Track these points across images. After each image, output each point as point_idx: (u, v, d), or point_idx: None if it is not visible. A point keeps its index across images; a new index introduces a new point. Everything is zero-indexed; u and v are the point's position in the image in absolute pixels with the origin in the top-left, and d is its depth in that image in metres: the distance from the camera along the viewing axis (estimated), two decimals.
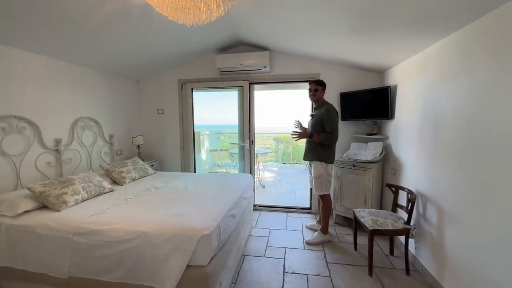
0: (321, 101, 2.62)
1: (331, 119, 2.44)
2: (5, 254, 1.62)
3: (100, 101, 3.08)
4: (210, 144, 7.06)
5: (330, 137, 2.41)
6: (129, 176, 2.63)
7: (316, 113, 2.60)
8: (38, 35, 2.04)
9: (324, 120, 2.45)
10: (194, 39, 2.79)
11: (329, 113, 2.46)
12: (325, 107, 2.51)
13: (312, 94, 2.59)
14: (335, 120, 2.47)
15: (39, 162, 2.31)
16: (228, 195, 2.11)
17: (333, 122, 2.45)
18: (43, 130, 2.33)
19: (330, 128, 2.42)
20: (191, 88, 3.61)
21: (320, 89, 2.57)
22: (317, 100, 2.61)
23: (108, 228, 1.52)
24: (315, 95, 2.57)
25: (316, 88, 2.56)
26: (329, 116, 2.45)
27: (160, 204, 1.90)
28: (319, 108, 2.59)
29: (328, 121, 2.44)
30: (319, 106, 2.61)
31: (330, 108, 2.50)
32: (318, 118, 2.51)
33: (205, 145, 6.71)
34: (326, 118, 2.44)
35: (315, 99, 2.60)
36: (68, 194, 1.87)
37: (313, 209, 3.44)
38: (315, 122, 2.54)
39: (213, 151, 6.12)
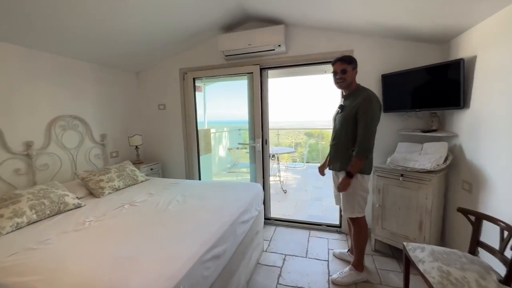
0: (353, 87, 1.82)
1: (371, 114, 1.66)
2: None
3: (89, 97, 2.68)
4: (231, 142, 6.55)
5: (367, 144, 1.66)
6: (110, 186, 2.17)
7: (347, 104, 1.82)
8: (8, 21, 1.70)
9: (359, 114, 1.67)
10: (191, 13, 2.20)
11: (369, 104, 1.67)
12: (362, 95, 1.71)
13: (339, 77, 1.78)
14: (376, 115, 1.68)
15: (3, 170, 1.94)
16: (216, 222, 1.49)
17: (373, 118, 1.66)
18: (6, 132, 1.96)
19: (366, 128, 1.64)
20: (192, 78, 3.04)
21: (350, 69, 1.76)
22: (347, 85, 1.80)
23: (18, 282, 1.01)
24: (343, 78, 1.76)
25: (344, 69, 1.75)
26: (368, 109, 1.66)
27: (115, 235, 1.36)
28: (352, 97, 1.80)
29: (366, 116, 1.65)
30: (351, 94, 1.82)
31: (369, 96, 1.69)
32: (351, 111, 1.73)
33: (224, 143, 6.21)
34: (363, 112, 1.66)
35: (345, 84, 1.79)
36: (4, 218, 1.43)
37: (344, 227, 2.67)
38: (346, 117, 1.76)
39: (230, 149, 5.58)
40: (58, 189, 1.81)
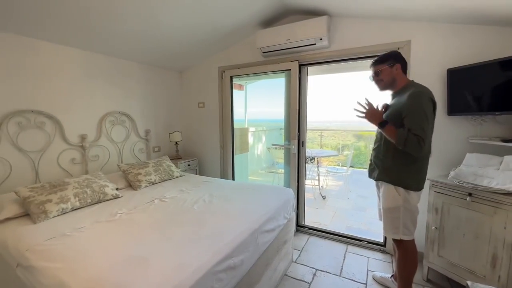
0: (401, 84, 1.53)
1: (418, 111, 1.35)
2: None
3: (137, 95, 2.88)
4: (271, 141, 6.45)
5: (413, 141, 1.32)
6: (147, 180, 2.28)
7: (393, 103, 1.54)
8: (68, 27, 1.92)
9: (405, 112, 1.38)
10: (230, 10, 2.17)
11: (416, 100, 1.37)
12: (409, 92, 1.42)
13: (375, 81, 1.59)
14: (425, 114, 1.36)
15: (62, 158, 2.20)
16: (235, 229, 1.39)
17: (421, 116, 1.35)
18: (66, 125, 2.21)
19: (415, 126, 1.33)
20: (230, 76, 3.02)
21: (385, 68, 1.52)
22: (387, 85, 1.56)
23: (44, 267, 1.09)
24: (380, 80, 1.56)
25: (376, 71, 1.55)
26: (415, 106, 1.36)
27: (136, 231, 1.38)
28: (398, 95, 1.52)
29: (412, 114, 1.36)
30: (398, 92, 1.54)
31: (417, 93, 1.39)
32: (396, 110, 1.46)
33: (264, 142, 6.14)
34: (409, 109, 1.37)
35: (383, 85, 1.57)
36: (53, 202, 1.58)
37: (390, 247, 2.31)
38: (389, 117, 1.48)
39: (269, 148, 5.48)
40: (100, 180, 1.97)
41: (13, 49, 1.87)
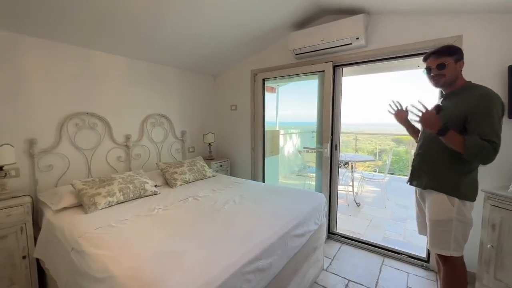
0: (459, 84, 1.36)
1: (492, 115, 1.19)
2: (41, 248, 1.65)
3: (174, 98, 3.07)
4: (303, 144, 6.34)
5: (489, 150, 1.16)
6: (182, 178, 2.41)
7: (448, 105, 1.38)
8: (116, 38, 2.14)
9: (474, 115, 1.22)
10: (262, 12, 2.20)
11: (488, 102, 1.21)
12: (478, 92, 1.26)
13: (435, 74, 1.36)
14: (499, 118, 1.20)
15: (110, 156, 2.44)
16: (264, 231, 1.39)
17: (496, 120, 1.19)
18: (114, 126, 2.45)
19: (490, 132, 1.18)
20: (262, 79, 3.05)
21: (451, 62, 1.31)
22: (448, 82, 1.36)
23: (93, 253, 1.21)
24: (441, 74, 1.34)
25: (442, 63, 1.32)
26: (488, 109, 1.20)
27: (172, 227, 1.46)
28: (457, 96, 1.35)
29: (486, 118, 1.19)
30: (456, 93, 1.36)
31: (489, 94, 1.23)
32: (455, 114, 1.29)
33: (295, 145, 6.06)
34: (482, 113, 1.20)
35: (445, 81, 1.35)
36: (101, 195, 1.76)
37: (433, 263, 2.09)
38: (448, 119, 1.30)
39: (300, 151, 5.40)
40: (141, 177, 2.13)
41: (72, 59, 2.14)
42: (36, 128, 1.97)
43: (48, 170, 2.03)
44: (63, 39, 2.02)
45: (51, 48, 2.01)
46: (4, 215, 1.57)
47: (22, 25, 1.76)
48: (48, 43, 1.99)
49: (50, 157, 2.05)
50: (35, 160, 1.94)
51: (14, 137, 1.85)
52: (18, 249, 1.64)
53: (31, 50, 1.91)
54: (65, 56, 2.09)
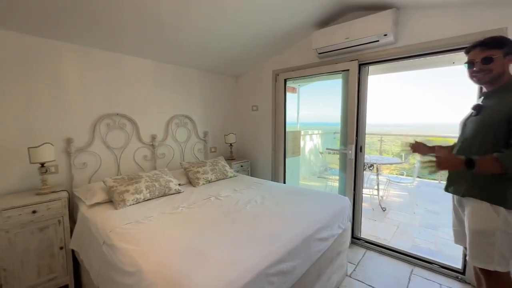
0: (505, 80, 1.23)
1: None
2: (77, 239, 1.76)
3: (197, 99, 3.15)
4: (324, 145, 6.20)
5: None
6: (204, 178, 2.45)
7: (491, 104, 1.25)
8: (144, 42, 2.24)
9: None
10: (285, 12, 2.17)
11: None
12: None
13: (479, 69, 1.23)
14: None
15: (137, 155, 2.56)
16: (287, 234, 1.37)
17: None
18: (141, 126, 2.56)
19: None
20: (284, 79, 3.02)
21: (500, 55, 1.18)
22: (494, 78, 1.23)
23: (122, 247, 1.27)
24: (487, 69, 1.21)
25: (488, 56, 1.19)
26: None
27: (196, 225, 1.49)
28: (501, 94, 1.22)
29: None
30: (501, 90, 1.24)
31: None
32: (499, 113, 1.17)
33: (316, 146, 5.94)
34: None
35: (490, 77, 1.23)
36: (129, 192, 1.84)
37: (470, 276, 1.93)
38: (488, 122, 1.20)
39: (322, 153, 5.28)
40: (166, 175, 2.21)
41: (103, 63, 2.27)
42: (72, 128, 2.12)
43: (83, 168, 2.17)
44: (95, 45, 2.16)
45: (84, 54, 2.15)
46: (45, 208, 1.70)
47: (61, 32, 1.91)
48: (82, 48, 2.13)
49: (85, 155, 2.19)
50: (71, 158, 2.09)
51: (53, 137, 2.01)
52: (56, 240, 1.77)
53: (68, 56, 2.06)
54: (97, 60, 2.23)
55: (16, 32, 1.79)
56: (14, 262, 1.61)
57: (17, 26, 1.74)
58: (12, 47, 1.80)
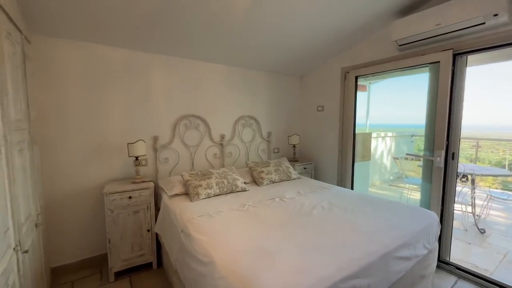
0: None
1: None
2: (160, 225, 2.02)
3: (262, 100, 3.22)
4: (399, 149, 5.50)
5: None
6: (268, 178, 2.48)
7: None
8: (217, 48, 2.44)
9: None
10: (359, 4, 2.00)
11: None
12: None
13: None
14: None
15: (208, 153, 2.78)
16: (362, 247, 1.24)
17: None
18: (212, 126, 2.78)
19: None
20: (355, 76, 2.78)
21: None
22: None
23: (197, 238, 1.38)
24: None
25: None
26: None
27: (262, 225, 1.50)
28: None
29: None
30: None
31: None
32: None
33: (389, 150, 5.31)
34: None
35: None
36: (202, 187, 2.01)
37: None
38: None
39: (396, 158, 4.67)
40: (233, 173, 2.32)
41: (182, 69, 2.55)
42: (158, 128, 2.46)
43: (165, 162, 2.50)
44: (176, 54, 2.44)
45: (168, 62, 2.46)
46: (138, 195, 2.02)
47: (152, 46, 2.23)
48: (166, 58, 2.44)
49: (167, 151, 2.51)
50: (157, 153, 2.42)
51: (145, 135, 2.37)
52: (145, 223, 2.07)
53: (155, 65, 2.40)
54: (177, 67, 2.52)
55: (118, 48, 2.19)
56: (116, 237, 1.96)
57: (119, 42, 2.12)
58: (115, 60, 2.20)
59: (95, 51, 2.10)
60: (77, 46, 2.03)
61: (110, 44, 2.14)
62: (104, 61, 2.15)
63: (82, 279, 2.02)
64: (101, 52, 2.13)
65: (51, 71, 1.95)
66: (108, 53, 2.15)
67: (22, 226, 1.23)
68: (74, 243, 2.12)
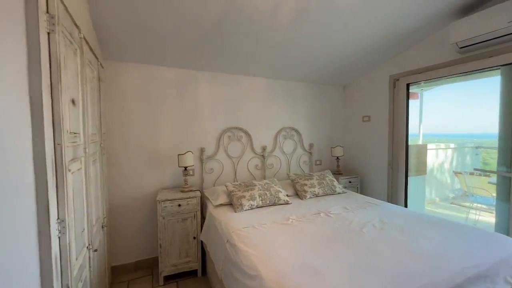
0: None
1: None
2: (205, 233, 2.10)
3: (303, 111, 3.19)
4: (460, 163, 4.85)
5: None
6: (311, 191, 2.40)
7: None
8: (259, 64, 2.55)
9: None
10: (410, 7, 1.88)
11: None
12: None
13: None
14: None
15: (250, 164, 2.83)
16: (426, 274, 1.09)
17: None
18: (254, 138, 2.84)
19: None
20: (406, 84, 2.58)
21: None
22: None
23: (243, 249, 1.39)
24: None
25: None
26: None
27: (308, 241, 1.45)
28: None
29: None
30: None
31: None
32: None
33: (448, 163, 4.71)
34: None
35: None
36: (246, 198, 2.04)
37: None
38: None
39: (459, 173, 4.10)
40: (276, 185, 2.31)
41: (227, 84, 2.68)
42: (204, 140, 2.60)
43: (210, 172, 2.61)
44: (221, 70, 2.59)
45: (213, 78, 2.62)
46: (186, 203, 2.15)
47: (199, 64, 2.42)
48: (212, 74, 2.61)
49: (212, 162, 2.63)
50: (203, 164, 2.56)
51: (192, 146, 2.53)
52: (192, 231, 2.18)
53: (202, 81, 2.57)
54: (221, 82, 2.66)
55: (170, 68, 2.42)
56: (166, 242, 2.10)
57: (171, 62, 2.35)
58: (167, 78, 2.43)
59: (151, 71, 2.36)
60: (137, 68, 2.30)
61: (164, 65, 2.38)
62: (158, 80, 2.39)
63: (136, 279, 2.19)
64: (156, 72, 2.38)
65: (117, 90, 2.24)
66: (161, 72, 2.40)
67: (93, 227, 1.40)
68: (131, 245, 2.33)
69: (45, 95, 0.83)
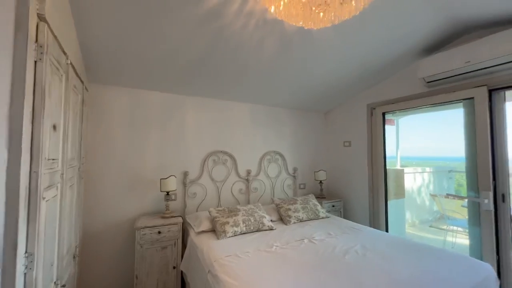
0: None
1: None
2: (186, 262, 2.00)
3: (287, 136, 3.27)
4: (437, 185, 5.07)
5: None
6: (295, 216, 2.40)
7: None
8: (245, 91, 2.64)
9: None
10: (385, 45, 2.08)
11: None
12: None
13: None
14: None
15: (234, 188, 2.81)
16: None
17: None
18: (239, 162, 2.85)
19: None
20: (382, 112, 2.76)
21: None
22: None
23: (225, 280, 1.34)
24: None
25: None
26: None
27: (293, 269, 1.42)
28: None
29: None
30: None
31: None
32: None
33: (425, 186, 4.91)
34: None
35: None
36: (229, 225, 2.00)
37: None
38: None
39: (435, 196, 4.29)
40: (260, 211, 2.29)
41: (212, 109, 2.74)
42: (188, 163, 2.58)
43: (193, 197, 2.56)
44: (207, 95, 2.65)
45: (200, 103, 2.66)
46: (166, 230, 2.06)
47: (187, 90, 2.47)
48: (199, 99, 2.66)
49: (195, 186, 2.58)
50: (186, 188, 2.50)
51: (176, 170, 2.49)
52: (171, 259, 2.07)
53: (189, 106, 2.61)
54: (207, 107, 2.71)
55: (157, 92, 2.45)
56: (143, 272, 1.97)
57: (158, 87, 2.38)
58: (153, 102, 2.44)
59: (137, 95, 2.36)
60: (122, 91, 2.30)
61: (151, 89, 2.40)
62: (144, 103, 2.40)
63: None
64: (142, 96, 2.39)
65: (101, 114, 2.21)
66: (147, 96, 2.41)
67: (63, 259, 1.31)
68: (104, 276, 2.15)
69: (26, 122, 0.82)
